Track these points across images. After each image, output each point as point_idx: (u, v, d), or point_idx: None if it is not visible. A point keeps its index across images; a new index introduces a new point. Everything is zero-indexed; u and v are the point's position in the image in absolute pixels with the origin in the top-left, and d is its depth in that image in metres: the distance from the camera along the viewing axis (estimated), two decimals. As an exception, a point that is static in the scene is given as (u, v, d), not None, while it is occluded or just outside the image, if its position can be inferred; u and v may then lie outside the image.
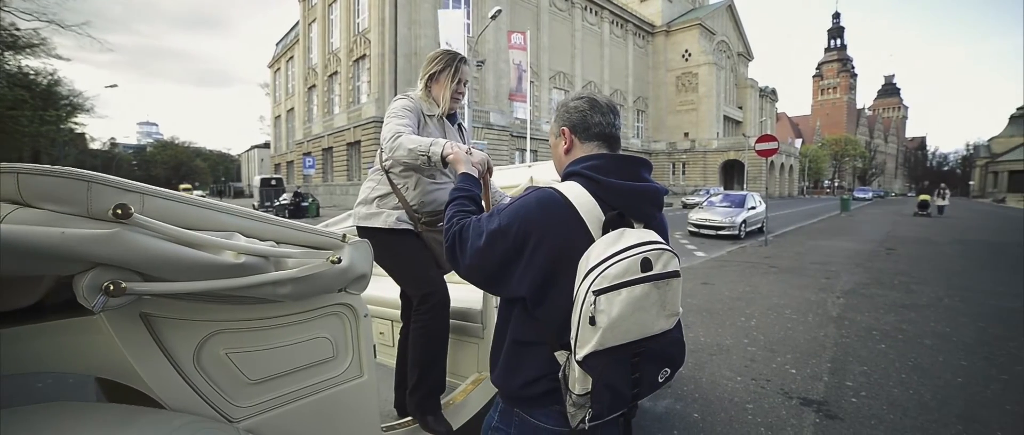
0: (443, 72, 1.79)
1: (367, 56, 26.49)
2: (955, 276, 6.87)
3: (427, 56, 1.83)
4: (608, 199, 0.91)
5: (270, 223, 1.08)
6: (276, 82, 45.75)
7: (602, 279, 0.80)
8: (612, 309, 0.79)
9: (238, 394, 1.07)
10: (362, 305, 1.39)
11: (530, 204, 0.93)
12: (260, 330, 1.13)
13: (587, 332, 0.81)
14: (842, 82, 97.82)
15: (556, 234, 0.90)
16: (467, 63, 1.84)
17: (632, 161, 0.97)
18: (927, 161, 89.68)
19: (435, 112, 1.78)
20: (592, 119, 1.01)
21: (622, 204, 0.91)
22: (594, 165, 0.94)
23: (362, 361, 1.41)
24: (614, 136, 1.02)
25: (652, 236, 0.87)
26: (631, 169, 0.96)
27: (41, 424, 0.76)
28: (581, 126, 1.01)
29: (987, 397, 2.86)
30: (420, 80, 1.82)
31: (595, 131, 1.01)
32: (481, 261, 0.95)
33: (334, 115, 30.64)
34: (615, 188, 0.91)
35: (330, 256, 1.16)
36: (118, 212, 0.75)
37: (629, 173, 0.95)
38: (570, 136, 1.03)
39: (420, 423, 1.70)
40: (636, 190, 0.93)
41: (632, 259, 0.81)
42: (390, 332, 2.47)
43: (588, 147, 1.02)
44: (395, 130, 1.59)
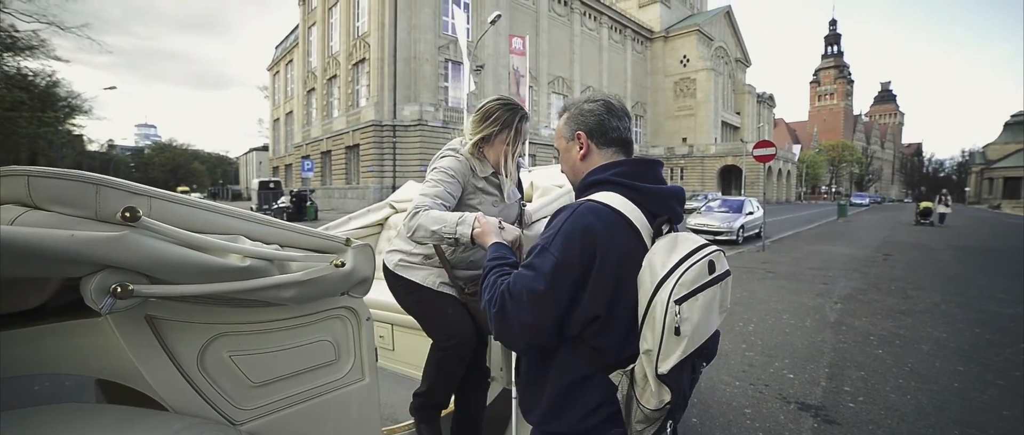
0: (500, 133, 1.49)
1: (366, 60, 26.56)
2: (952, 282, 6.90)
3: (479, 108, 1.52)
4: (648, 205, 0.91)
5: (274, 226, 1.09)
6: (275, 85, 45.79)
7: (680, 287, 0.79)
8: (694, 316, 0.79)
9: (241, 396, 1.07)
10: (364, 309, 1.39)
11: (583, 222, 0.87)
12: (263, 333, 1.14)
13: (672, 343, 0.79)
14: (839, 88, 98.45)
15: (618, 245, 0.87)
16: (528, 119, 1.56)
17: (654, 164, 0.97)
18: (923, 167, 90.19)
19: (488, 171, 1.54)
20: (610, 124, 0.98)
21: (662, 209, 0.91)
22: (626, 171, 0.94)
23: (364, 364, 1.41)
24: (630, 141, 1.01)
25: (700, 239, 0.88)
26: (656, 172, 0.96)
27: (45, 426, 0.77)
28: (598, 131, 0.99)
29: (984, 402, 2.88)
30: (470, 136, 1.52)
31: (613, 136, 0.99)
32: (547, 309, 0.86)
33: (333, 118, 30.67)
34: (652, 194, 0.91)
35: (334, 260, 1.17)
36: (126, 215, 0.75)
37: (655, 176, 0.95)
38: (587, 141, 1.00)
39: (415, 428, 1.69)
40: (668, 193, 0.94)
41: (701, 263, 0.82)
42: (390, 335, 2.47)
43: (606, 154, 1.00)
44: (418, 205, 1.38)
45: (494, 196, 1.55)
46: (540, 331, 0.89)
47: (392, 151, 25.04)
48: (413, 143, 24.76)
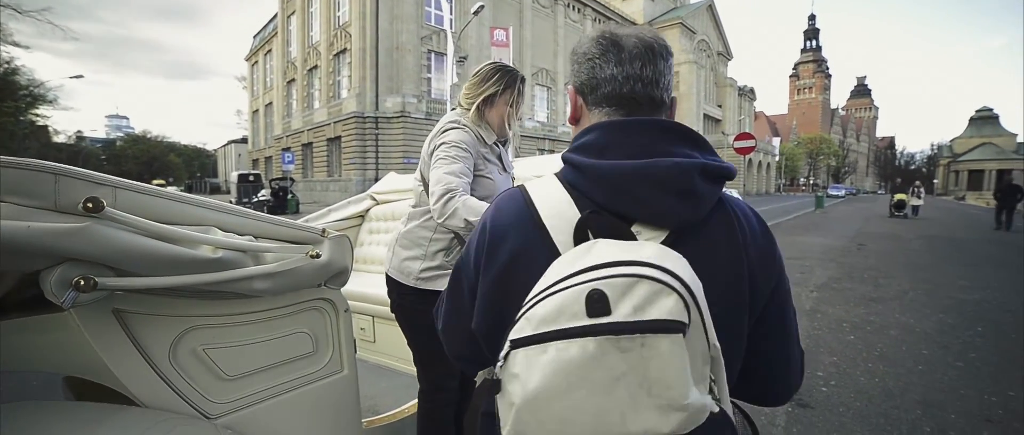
0: (503, 94, 1.45)
1: (348, 50, 26.07)
2: (920, 270, 7.16)
3: (477, 72, 1.48)
4: (592, 191, 0.60)
5: (248, 217, 1.08)
6: (254, 76, 44.66)
7: (525, 322, 0.49)
8: (530, 377, 0.46)
9: (215, 390, 1.06)
10: (342, 300, 1.39)
11: (487, 215, 0.70)
12: (238, 325, 1.12)
13: (503, 409, 0.51)
14: (817, 82, 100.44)
15: (507, 248, 0.63)
16: (526, 81, 1.53)
17: (643, 127, 0.62)
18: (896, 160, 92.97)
19: (492, 138, 1.48)
20: (603, 71, 0.65)
21: (613, 196, 0.59)
22: (586, 142, 0.64)
23: (343, 356, 1.41)
24: (634, 97, 0.65)
25: (645, 253, 0.50)
26: (637, 139, 0.61)
27: (10, 424, 0.75)
28: (589, 84, 0.67)
29: (944, 383, 3.01)
30: (468, 100, 1.46)
31: (606, 91, 0.65)
32: (446, 319, 0.76)
33: (314, 110, 30.11)
34: (600, 174, 0.59)
35: (309, 251, 1.16)
36: (89, 205, 0.73)
37: (632, 146, 0.60)
38: (577, 100, 0.70)
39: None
40: (632, 172, 0.57)
41: (574, 292, 0.46)
42: (370, 328, 2.46)
43: (597, 116, 0.68)
44: (448, 185, 1.28)
45: (498, 165, 1.49)
46: (451, 347, 0.77)
47: (374, 143, 24.72)
48: (396, 135, 24.49)
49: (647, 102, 0.66)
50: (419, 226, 1.48)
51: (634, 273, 0.47)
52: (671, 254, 0.52)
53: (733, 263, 0.60)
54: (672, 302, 0.46)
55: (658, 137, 0.62)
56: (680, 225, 0.59)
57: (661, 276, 0.47)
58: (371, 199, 3.27)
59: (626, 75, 0.65)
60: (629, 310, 0.45)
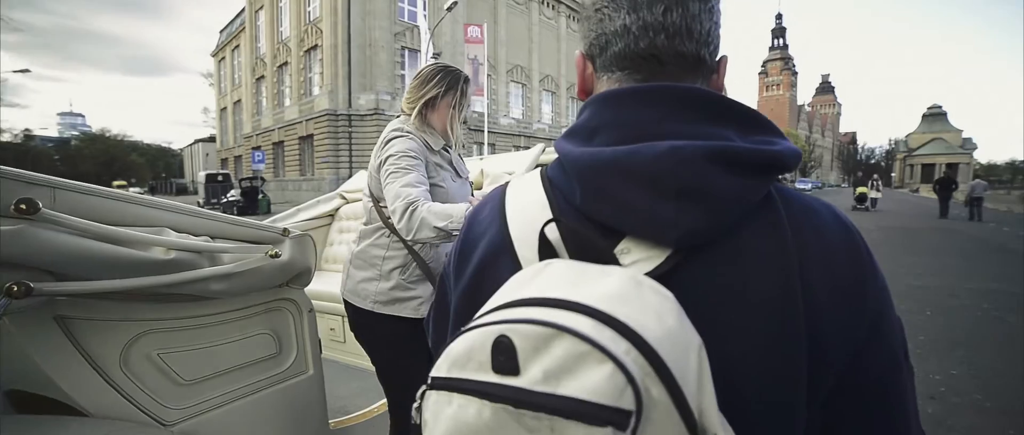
0: (445, 96, 1.39)
1: (319, 46, 25.52)
2: (877, 259, 7.49)
3: (417, 75, 1.42)
4: (570, 192, 0.47)
5: (204, 217, 1.06)
6: (221, 72, 43.19)
7: (442, 359, 0.37)
8: (435, 429, 0.36)
9: (171, 396, 1.04)
10: (306, 300, 1.38)
11: (468, 215, 0.60)
12: (196, 328, 1.10)
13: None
14: (785, 79, 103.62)
15: (475, 255, 0.52)
16: (470, 82, 1.48)
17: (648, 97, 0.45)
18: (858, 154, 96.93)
19: (440, 144, 1.42)
20: (613, 22, 0.48)
21: (585, 199, 0.45)
22: (577, 124, 0.49)
23: (308, 356, 1.40)
24: (655, 54, 0.47)
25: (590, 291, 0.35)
26: (637, 114, 0.44)
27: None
28: (597, 43, 0.50)
29: (898, 367, 3.18)
30: (409, 105, 1.41)
31: (617, 48, 0.48)
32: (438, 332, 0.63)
33: (285, 108, 29.37)
34: (575, 166, 0.45)
35: (269, 251, 1.15)
36: (22, 207, 0.71)
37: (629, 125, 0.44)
38: (584, 68, 0.53)
39: None
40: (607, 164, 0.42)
41: (485, 333, 0.34)
42: (341, 328, 2.44)
43: (604, 84, 0.51)
44: (408, 198, 1.21)
45: (450, 171, 1.44)
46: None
47: (348, 141, 24.30)
48: (369, 133, 24.10)
49: (674, 61, 0.47)
50: (371, 245, 1.42)
51: (551, 322, 0.31)
52: (642, 293, 0.35)
53: (779, 302, 0.39)
54: (601, 376, 0.29)
55: (671, 110, 0.43)
56: (684, 240, 0.40)
57: (590, 333, 0.31)
58: (341, 198, 3.23)
59: (643, 24, 0.46)
60: (539, 375, 0.31)
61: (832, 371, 0.41)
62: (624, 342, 0.31)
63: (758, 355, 0.39)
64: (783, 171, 0.43)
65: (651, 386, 0.30)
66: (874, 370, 0.42)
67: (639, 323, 0.32)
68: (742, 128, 0.44)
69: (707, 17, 0.47)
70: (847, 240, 0.44)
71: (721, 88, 0.51)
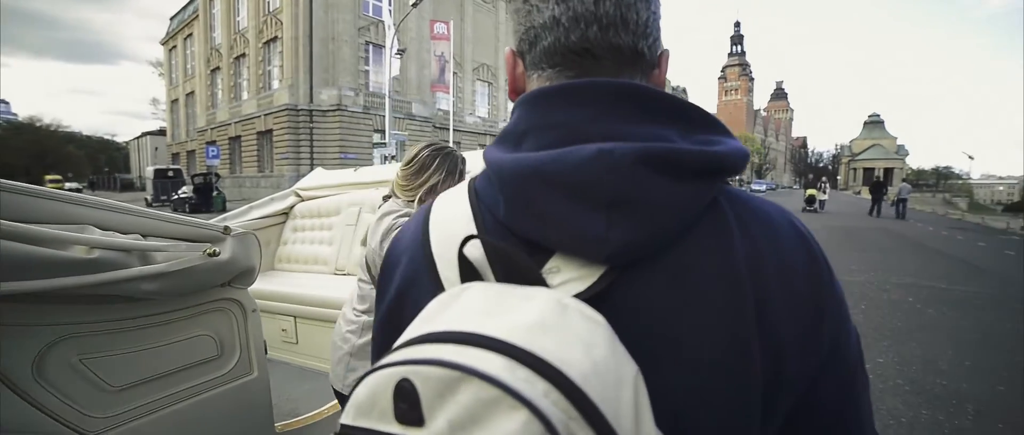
0: (446, 180, 1.35)
1: (279, 38, 24.58)
2: (822, 257, 7.98)
3: (412, 160, 1.36)
4: (495, 204, 0.42)
5: (134, 215, 1.02)
6: (172, 62, 40.85)
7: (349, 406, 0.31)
8: None
9: (96, 404, 0.99)
10: (250, 300, 1.35)
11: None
12: (126, 331, 1.06)
13: None
14: (742, 85, 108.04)
15: (398, 276, 0.48)
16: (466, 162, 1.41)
17: (580, 95, 0.40)
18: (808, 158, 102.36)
19: None
20: (540, 15, 0.43)
21: (509, 212, 0.40)
22: (506, 128, 0.45)
23: (252, 358, 1.37)
24: (588, 48, 0.42)
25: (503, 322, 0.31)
26: (567, 115, 0.40)
27: None
28: (527, 38, 0.45)
29: (834, 357, 3.41)
30: (408, 193, 1.34)
31: (546, 43, 0.43)
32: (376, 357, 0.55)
33: (242, 101, 28.16)
34: (499, 175, 0.41)
35: (207, 249, 1.12)
36: None
37: (558, 127, 0.40)
38: (515, 67, 0.48)
39: None
40: (529, 172, 0.38)
41: (388, 376, 0.29)
42: (293, 329, 2.39)
43: (534, 83, 0.46)
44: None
45: None
46: None
47: (309, 137, 23.55)
48: (332, 129, 23.46)
49: (609, 55, 0.42)
50: (346, 328, 1.37)
51: (456, 363, 0.27)
52: (567, 320, 0.31)
53: (728, 321, 0.36)
54: (514, 426, 0.25)
55: (604, 109, 0.39)
56: (617, 257, 0.36)
57: (501, 374, 0.27)
58: (296, 195, 3.15)
59: (574, 15, 0.41)
60: (444, 427, 0.26)
61: (792, 390, 0.38)
62: (542, 382, 0.27)
63: (706, 381, 0.35)
64: (729, 174, 0.39)
65: (577, 431, 0.26)
66: (833, 387, 0.40)
67: (561, 358, 0.28)
68: (684, 126, 0.39)
69: (644, 6, 0.42)
70: (805, 250, 0.40)
71: (663, 84, 0.47)
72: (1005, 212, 25.72)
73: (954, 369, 3.21)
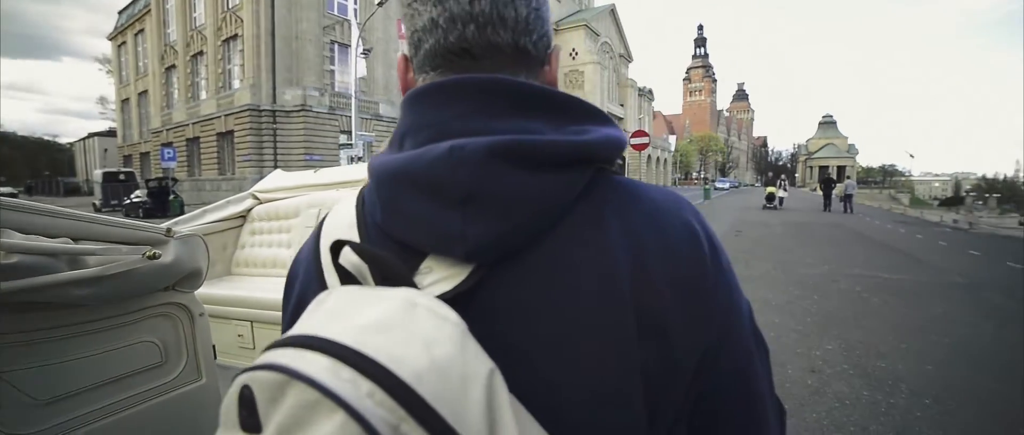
0: None
1: (239, 36, 23.71)
2: (780, 251, 8.34)
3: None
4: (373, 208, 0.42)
5: (64, 217, 0.97)
6: (121, 58, 38.70)
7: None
8: None
9: (21, 419, 0.94)
10: (197, 304, 1.31)
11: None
12: (57, 340, 1.02)
13: None
14: (706, 86, 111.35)
15: (302, 275, 0.47)
16: None
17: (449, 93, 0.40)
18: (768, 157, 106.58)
19: None
20: (420, 17, 0.42)
21: (383, 214, 0.40)
22: (395, 130, 0.44)
23: (200, 364, 1.33)
24: (466, 49, 0.42)
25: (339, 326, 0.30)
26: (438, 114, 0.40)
27: None
28: (412, 41, 0.45)
29: (786, 345, 3.58)
30: None
31: (428, 46, 0.43)
32: None
33: (201, 101, 27.00)
34: (374, 178, 0.41)
35: (147, 252, 1.08)
36: None
37: (430, 127, 0.39)
38: (405, 68, 0.47)
39: None
40: (391, 174, 0.39)
41: (235, 384, 0.29)
42: (249, 334, 2.32)
43: (422, 83, 0.45)
44: None
45: None
46: None
47: (272, 138, 22.82)
48: (296, 130, 22.81)
49: (488, 54, 0.42)
50: None
51: (284, 366, 0.27)
52: (412, 319, 0.31)
53: (603, 312, 0.35)
54: (332, 428, 0.25)
55: (475, 105, 0.39)
56: (477, 254, 0.35)
57: (321, 376, 0.26)
58: (253, 198, 3.06)
59: (450, 16, 0.41)
60: (274, 432, 0.26)
61: (682, 374, 0.37)
62: (367, 382, 0.26)
63: (585, 376, 0.35)
64: (602, 162, 0.39)
65: (409, 432, 0.26)
66: (728, 367, 0.39)
67: (393, 356, 0.28)
68: (557, 118, 0.39)
69: (523, 3, 0.42)
70: (689, 237, 0.39)
71: (554, 80, 0.47)
72: (940, 206, 27.73)
73: (893, 352, 3.44)
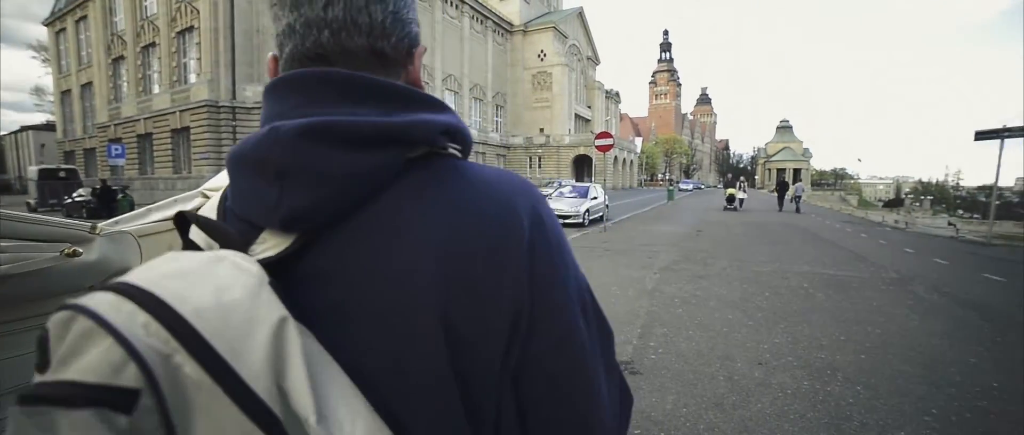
0: None
1: (195, 28, 22.66)
2: (737, 250, 8.67)
3: None
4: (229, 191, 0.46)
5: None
6: (60, 46, 36.21)
7: None
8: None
9: None
10: None
11: None
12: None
13: None
14: (671, 89, 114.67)
15: None
16: None
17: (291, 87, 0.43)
18: (730, 159, 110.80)
19: None
20: (280, 24, 0.46)
21: (230, 196, 0.45)
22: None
23: (130, 368, 1.26)
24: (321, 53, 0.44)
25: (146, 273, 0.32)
26: (279, 107, 0.43)
27: None
28: (277, 44, 0.48)
29: (738, 339, 3.73)
30: None
31: (288, 49, 0.46)
32: None
33: (153, 95, 25.65)
34: (226, 160, 0.45)
35: (65, 249, 1.02)
36: None
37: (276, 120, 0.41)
38: (274, 70, 0.49)
39: None
40: (231, 157, 0.43)
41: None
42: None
43: None
44: None
45: None
46: None
47: (231, 135, 21.93)
48: (257, 127, 22.04)
49: (342, 58, 0.44)
50: None
51: (73, 304, 0.29)
52: (213, 269, 0.33)
53: (405, 285, 0.37)
54: (98, 353, 0.27)
55: (312, 95, 0.42)
56: (290, 223, 0.39)
57: (101, 308, 0.28)
58: (202, 196, 2.93)
59: (305, 21, 0.44)
60: (57, 364, 0.28)
61: (494, 338, 0.39)
62: (144, 315, 0.28)
63: (391, 344, 0.37)
64: (418, 144, 0.41)
65: (183, 363, 0.28)
66: (546, 337, 0.41)
67: (179, 296, 0.29)
68: (387, 105, 0.42)
69: (379, 8, 0.44)
70: (507, 209, 0.41)
71: (417, 79, 0.50)
72: (884, 207, 29.83)
73: (832, 343, 3.65)
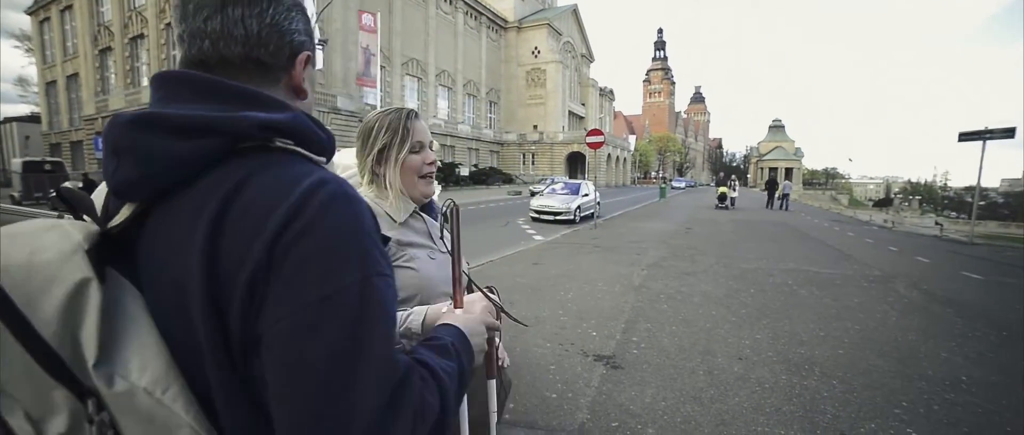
0: (393, 146, 1.08)
1: (182, 19, 22.36)
2: (725, 247, 8.75)
3: (360, 130, 1.14)
4: None
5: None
6: (44, 36, 35.53)
7: None
8: None
9: None
10: None
11: None
12: None
13: None
14: (665, 88, 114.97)
15: None
16: (419, 117, 1.15)
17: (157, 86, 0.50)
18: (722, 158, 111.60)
19: (403, 215, 1.09)
20: (174, 33, 0.55)
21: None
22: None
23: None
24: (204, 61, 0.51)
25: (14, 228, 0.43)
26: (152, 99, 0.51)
27: None
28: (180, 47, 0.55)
29: (720, 335, 3.78)
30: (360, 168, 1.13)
31: (180, 57, 0.53)
32: None
33: (141, 88, 25.33)
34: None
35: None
36: None
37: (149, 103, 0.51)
38: None
39: None
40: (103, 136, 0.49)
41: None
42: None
43: None
44: None
45: (425, 247, 1.11)
46: None
47: (221, 129, 21.70)
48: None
49: (221, 66, 0.50)
50: None
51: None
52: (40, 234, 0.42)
53: (192, 267, 0.42)
54: None
55: (169, 92, 0.49)
56: (122, 190, 0.47)
57: None
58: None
59: (191, 32, 0.50)
60: None
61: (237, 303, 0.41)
62: None
63: (182, 321, 0.43)
64: (243, 137, 0.45)
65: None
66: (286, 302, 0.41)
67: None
68: (229, 103, 0.47)
69: (255, 20, 0.50)
70: (277, 198, 0.43)
71: (298, 85, 0.55)
72: (874, 207, 30.21)
73: (812, 339, 3.71)
